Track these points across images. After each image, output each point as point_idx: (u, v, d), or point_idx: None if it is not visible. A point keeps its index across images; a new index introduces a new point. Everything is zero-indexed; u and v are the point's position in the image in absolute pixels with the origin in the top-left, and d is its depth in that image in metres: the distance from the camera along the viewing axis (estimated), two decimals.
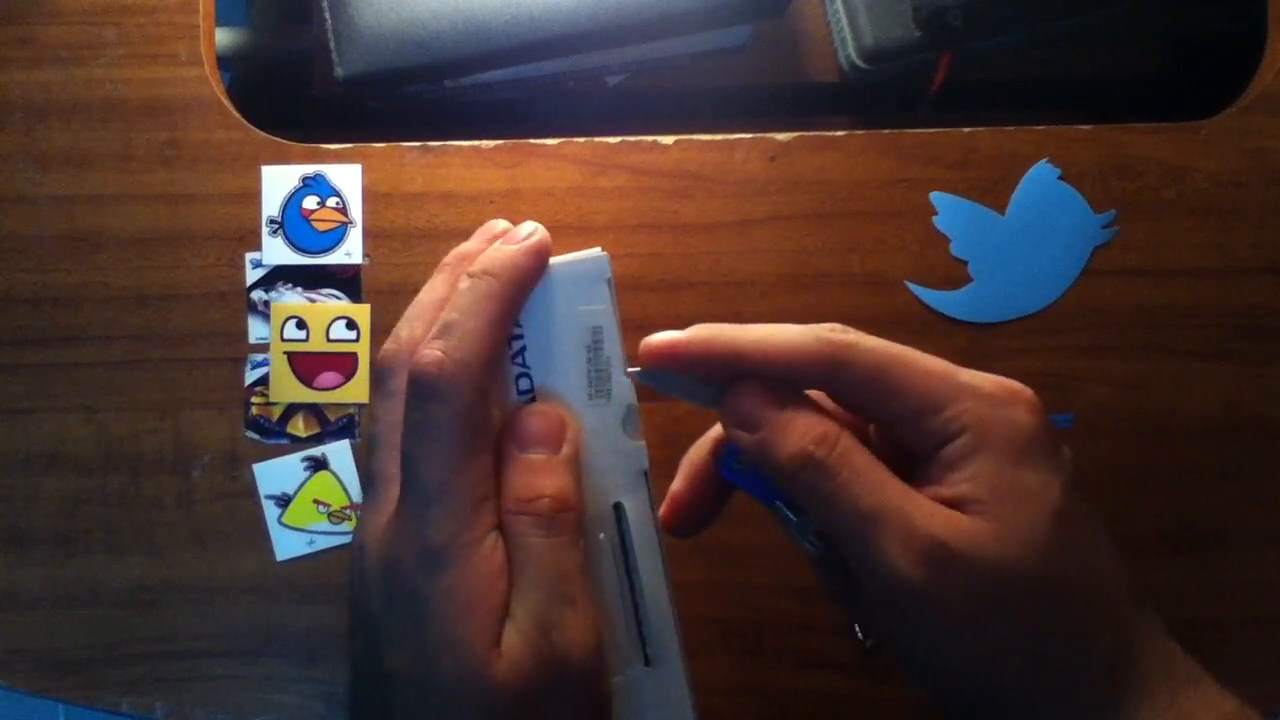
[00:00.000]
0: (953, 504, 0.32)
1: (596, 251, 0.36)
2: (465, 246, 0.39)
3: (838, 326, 0.34)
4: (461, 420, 0.32)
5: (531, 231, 0.36)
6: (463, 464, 0.32)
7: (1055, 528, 0.32)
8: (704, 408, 0.35)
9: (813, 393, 0.35)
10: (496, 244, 0.36)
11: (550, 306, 0.35)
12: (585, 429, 0.35)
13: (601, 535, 0.35)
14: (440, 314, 0.35)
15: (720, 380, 0.35)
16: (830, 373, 0.33)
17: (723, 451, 0.36)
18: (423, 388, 0.33)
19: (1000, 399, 0.33)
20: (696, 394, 0.35)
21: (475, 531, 0.32)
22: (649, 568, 0.35)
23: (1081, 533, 0.33)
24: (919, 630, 0.32)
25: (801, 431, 0.33)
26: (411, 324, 0.36)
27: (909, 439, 0.33)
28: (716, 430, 0.38)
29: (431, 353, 0.33)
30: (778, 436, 0.33)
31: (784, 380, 0.34)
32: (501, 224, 0.40)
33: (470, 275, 0.35)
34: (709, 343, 0.34)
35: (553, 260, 0.36)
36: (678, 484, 0.38)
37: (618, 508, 0.35)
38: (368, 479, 0.36)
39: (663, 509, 0.38)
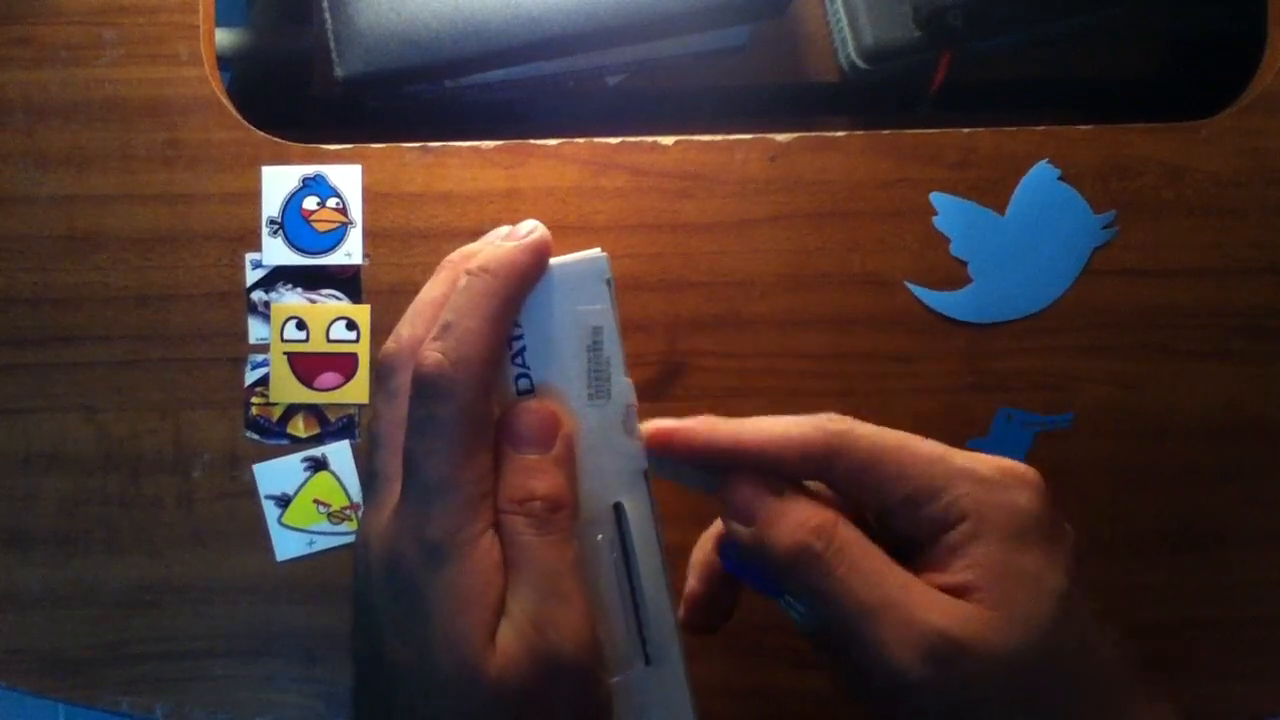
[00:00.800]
0: (954, 591, 0.32)
1: (596, 252, 0.36)
2: (469, 247, 0.39)
3: (834, 416, 0.34)
4: (463, 418, 0.33)
5: (531, 229, 0.36)
6: (464, 461, 0.33)
7: (1056, 610, 0.32)
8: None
9: (812, 484, 0.35)
10: (495, 242, 0.36)
11: (550, 306, 0.35)
12: (585, 429, 0.35)
13: (600, 536, 0.35)
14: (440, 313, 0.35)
15: (719, 470, 0.35)
16: (827, 461, 0.33)
17: (724, 545, 0.37)
18: (425, 386, 0.33)
19: (999, 482, 0.33)
20: (699, 481, 0.36)
21: (475, 528, 0.32)
22: (649, 568, 0.35)
23: (1079, 609, 0.33)
24: None
25: (798, 523, 0.33)
26: (413, 323, 0.36)
27: (907, 527, 0.33)
28: (718, 525, 0.38)
29: (432, 353, 0.33)
30: (773, 528, 0.33)
31: (782, 470, 0.34)
32: (507, 230, 0.40)
33: (468, 273, 0.35)
34: (710, 432, 0.35)
35: (553, 260, 0.36)
36: (691, 583, 0.39)
37: (617, 508, 0.35)
38: (369, 477, 0.36)
39: (681, 610, 0.38)
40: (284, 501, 0.50)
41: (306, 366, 0.51)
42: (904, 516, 0.33)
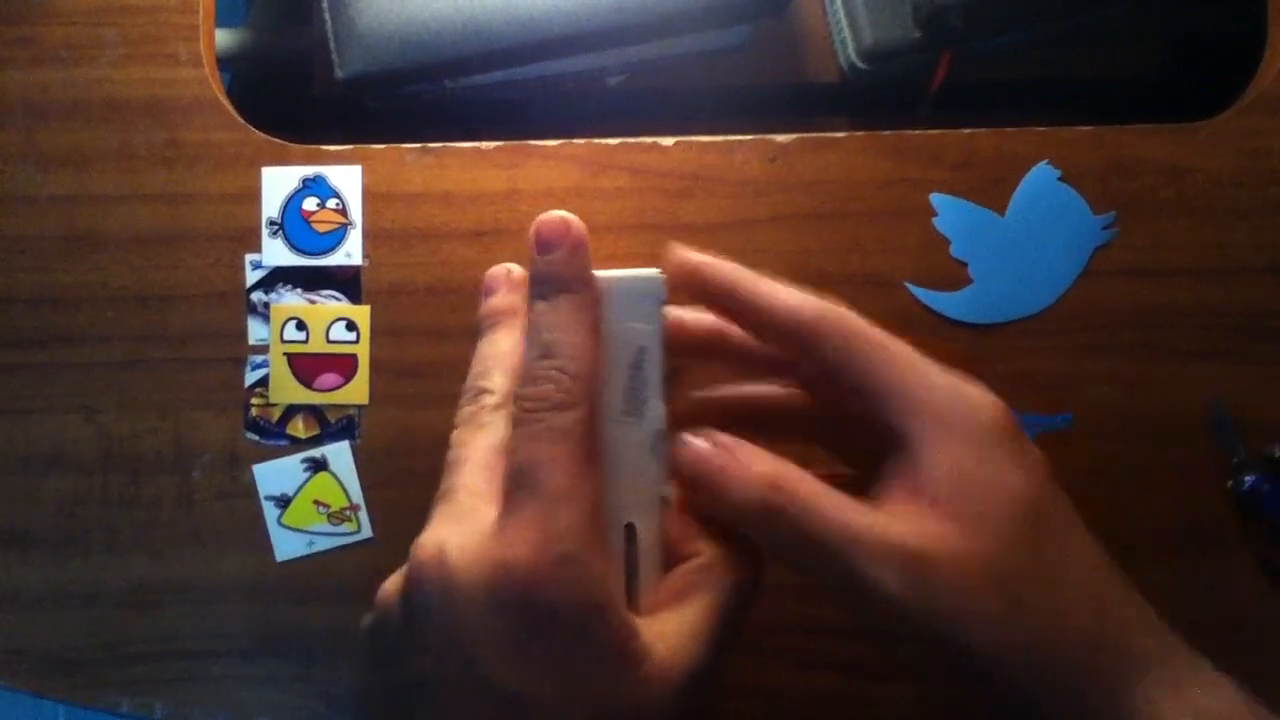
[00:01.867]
0: (921, 503, 0.32)
1: (655, 272, 0.35)
2: (494, 302, 0.38)
3: (836, 301, 0.35)
4: (584, 427, 0.32)
5: (564, 226, 0.35)
6: (587, 471, 0.32)
7: (1026, 516, 0.32)
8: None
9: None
10: (544, 259, 0.35)
11: (602, 317, 0.35)
12: (612, 445, 0.35)
13: None
14: (516, 358, 0.35)
15: (718, 312, 0.36)
16: (820, 338, 0.34)
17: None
18: (541, 401, 0.32)
19: (966, 396, 0.33)
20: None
21: (602, 542, 0.32)
22: (651, 590, 0.35)
23: (1054, 518, 0.33)
24: (924, 642, 0.32)
25: (756, 478, 0.33)
26: (491, 376, 0.36)
27: (878, 425, 0.33)
28: None
29: (546, 371, 0.32)
30: (730, 486, 0.33)
31: (779, 335, 0.35)
32: (504, 268, 0.39)
33: (542, 298, 0.34)
34: (732, 274, 0.35)
35: (612, 273, 0.35)
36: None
37: (629, 528, 0.35)
38: (445, 493, 0.34)
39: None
40: (284, 502, 0.50)
41: (306, 367, 0.51)
42: (876, 412, 0.33)
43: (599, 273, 0.35)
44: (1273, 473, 0.49)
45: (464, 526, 0.32)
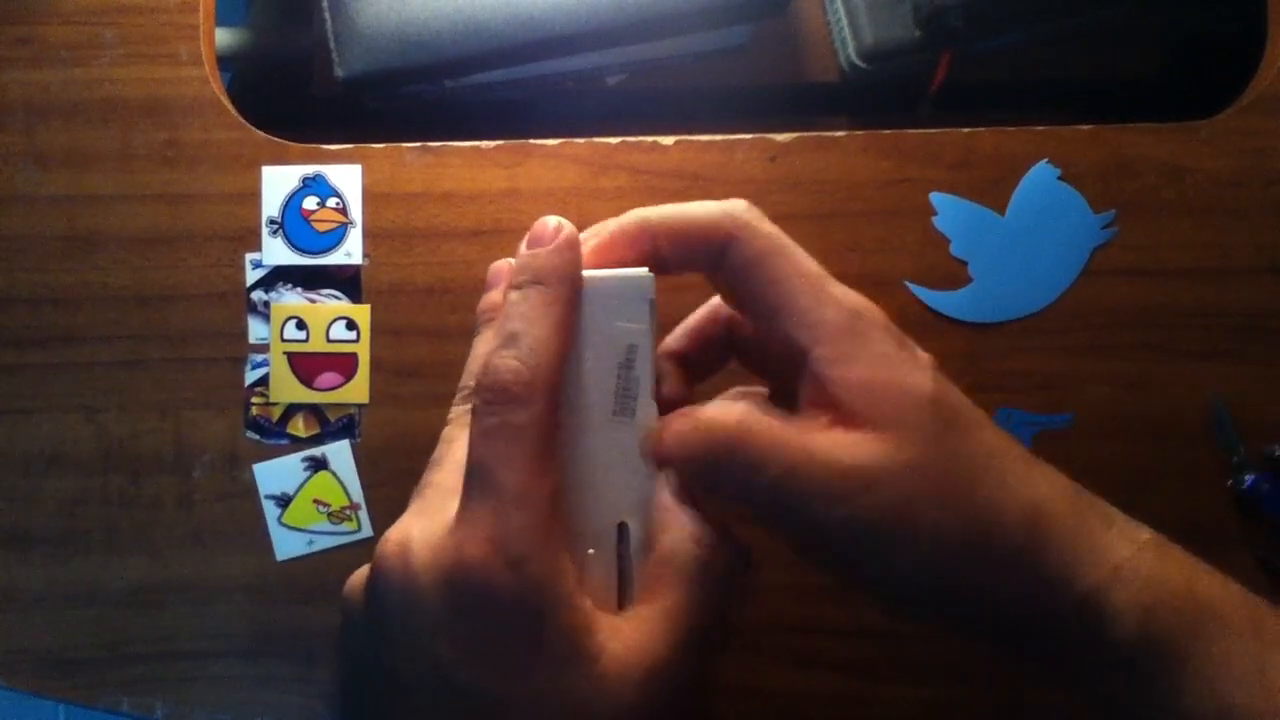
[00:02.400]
0: (838, 420, 0.32)
1: (643, 271, 0.35)
2: (492, 297, 0.39)
3: (744, 204, 0.35)
4: (541, 425, 0.32)
5: (558, 227, 0.35)
6: (542, 470, 0.31)
7: (934, 415, 0.32)
8: None
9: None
10: (529, 252, 0.35)
11: (589, 316, 0.35)
12: (602, 444, 0.35)
13: (591, 550, 0.35)
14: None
15: (645, 261, 0.35)
16: (724, 245, 0.34)
17: None
18: (498, 394, 0.32)
19: (854, 309, 0.34)
20: None
21: (556, 545, 0.31)
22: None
23: (962, 412, 0.33)
24: (868, 561, 0.32)
25: (691, 434, 0.33)
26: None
27: (778, 335, 0.34)
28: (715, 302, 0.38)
29: (505, 361, 0.32)
30: (674, 450, 0.34)
31: (683, 248, 0.35)
32: (507, 263, 0.39)
33: (517, 287, 0.34)
34: (623, 231, 0.35)
35: (600, 273, 0.35)
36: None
37: (621, 528, 0.35)
38: (420, 490, 0.34)
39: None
40: (284, 501, 0.50)
41: (306, 366, 0.51)
42: (777, 322, 0.34)
43: (587, 273, 0.35)
44: (1273, 472, 0.49)
45: (429, 521, 0.32)
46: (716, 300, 0.39)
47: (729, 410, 0.33)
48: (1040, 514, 0.32)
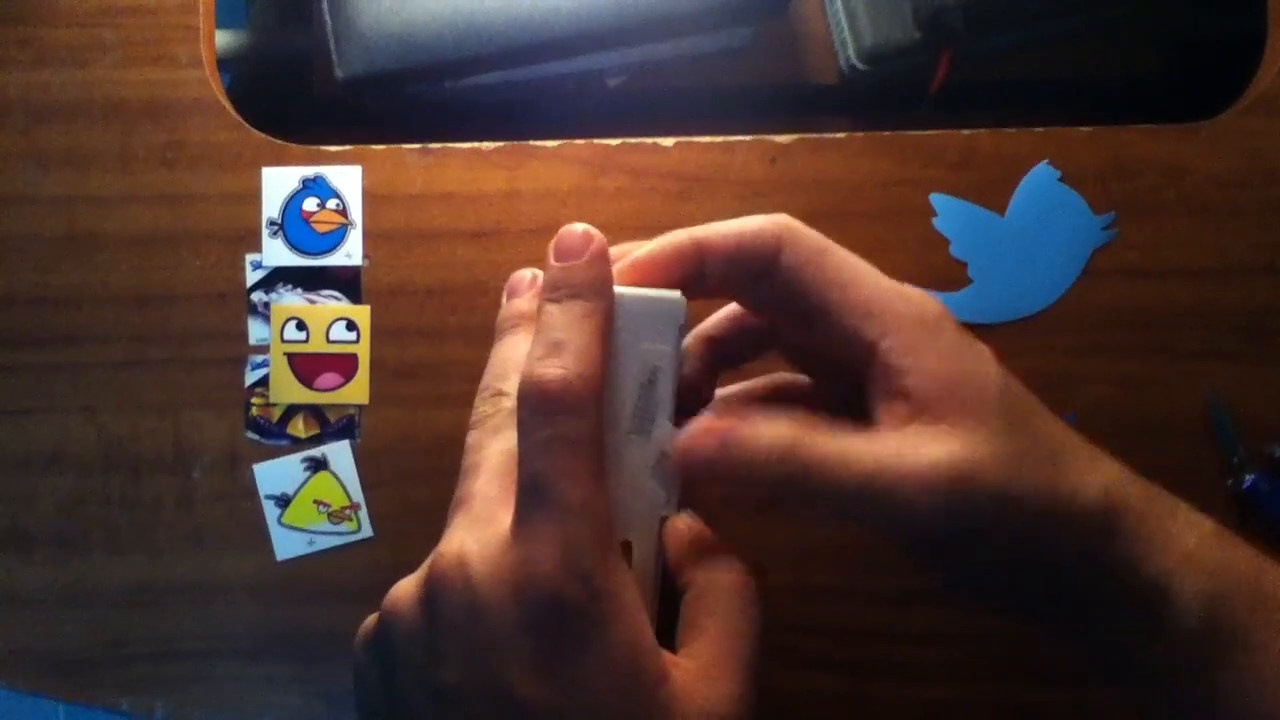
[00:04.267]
0: (914, 416, 0.32)
1: (676, 294, 0.35)
2: (517, 304, 0.38)
3: (785, 215, 0.34)
4: (595, 437, 0.31)
5: (586, 236, 0.35)
6: (599, 483, 0.31)
7: (1006, 398, 0.32)
8: None
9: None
10: (561, 265, 0.34)
11: (616, 332, 0.35)
12: (617, 461, 0.35)
13: None
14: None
15: (688, 280, 0.35)
16: (776, 252, 0.33)
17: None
18: (551, 404, 0.31)
19: (913, 299, 0.33)
20: None
21: (618, 555, 0.31)
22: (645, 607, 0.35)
23: (1025, 395, 0.33)
24: (966, 553, 0.32)
25: (768, 439, 0.32)
26: (509, 379, 0.35)
27: (841, 335, 0.33)
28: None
29: (551, 370, 0.31)
30: (743, 460, 0.33)
31: (735, 262, 0.34)
32: (529, 272, 0.39)
33: (554, 300, 0.34)
34: (673, 244, 0.35)
35: (632, 291, 0.35)
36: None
37: (625, 546, 0.35)
38: (463, 500, 0.33)
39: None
40: (284, 501, 0.50)
41: (306, 367, 0.51)
42: (839, 329, 0.33)
43: (619, 289, 0.34)
44: (1272, 472, 0.49)
45: (484, 534, 0.32)
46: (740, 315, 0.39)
47: (778, 428, 0.33)
48: (1111, 499, 0.32)
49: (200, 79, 0.52)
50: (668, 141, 0.51)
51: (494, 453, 0.34)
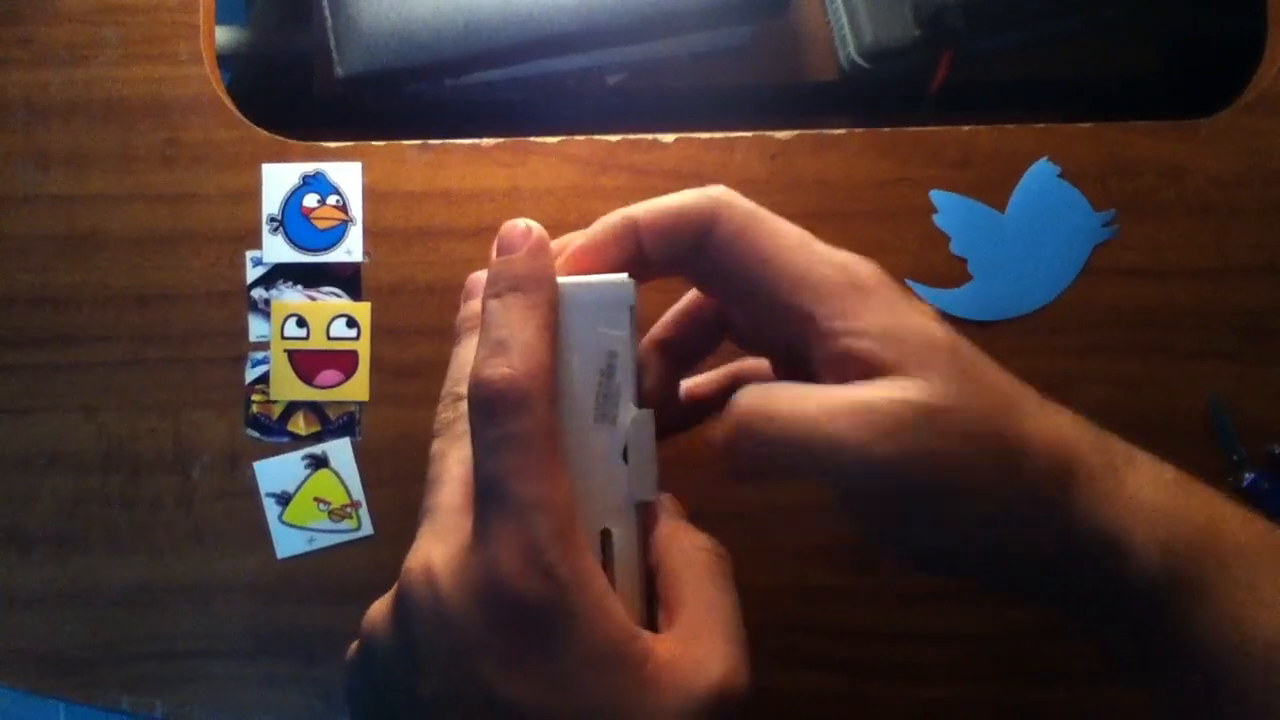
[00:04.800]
0: (860, 375, 0.32)
1: (623, 277, 0.35)
2: (473, 305, 0.38)
3: (721, 187, 0.34)
4: (545, 429, 0.31)
5: (526, 231, 0.35)
6: (554, 475, 0.31)
7: (953, 352, 0.32)
8: None
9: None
10: (501, 259, 0.35)
11: (569, 324, 0.35)
12: (584, 451, 0.35)
13: None
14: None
15: (629, 261, 0.35)
16: (710, 224, 0.34)
17: None
18: (497, 403, 0.31)
19: (844, 263, 0.33)
20: None
21: (583, 547, 0.31)
22: (628, 598, 0.35)
23: (972, 351, 0.33)
24: (915, 503, 0.32)
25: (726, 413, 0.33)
26: (465, 382, 0.34)
27: (780, 308, 0.33)
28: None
29: (496, 370, 0.31)
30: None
31: (670, 237, 0.34)
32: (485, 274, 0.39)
33: (496, 296, 0.34)
34: (610, 229, 0.35)
35: (579, 280, 0.35)
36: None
37: (605, 534, 0.35)
38: (428, 512, 0.33)
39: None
40: (284, 499, 0.50)
41: (307, 364, 0.50)
42: (773, 293, 0.33)
43: (566, 279, 0.35)
44: (1272, 472, 0.49)
45: (448, 543, 0.32)
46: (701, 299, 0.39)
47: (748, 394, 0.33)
48: (1066, 450, 0.32)
49: (200, 76, 0.52)
50: (668, 138, 0.51)
51: (455, 461, 0.34)
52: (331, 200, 0.51)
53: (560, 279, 0.34)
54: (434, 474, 0.34)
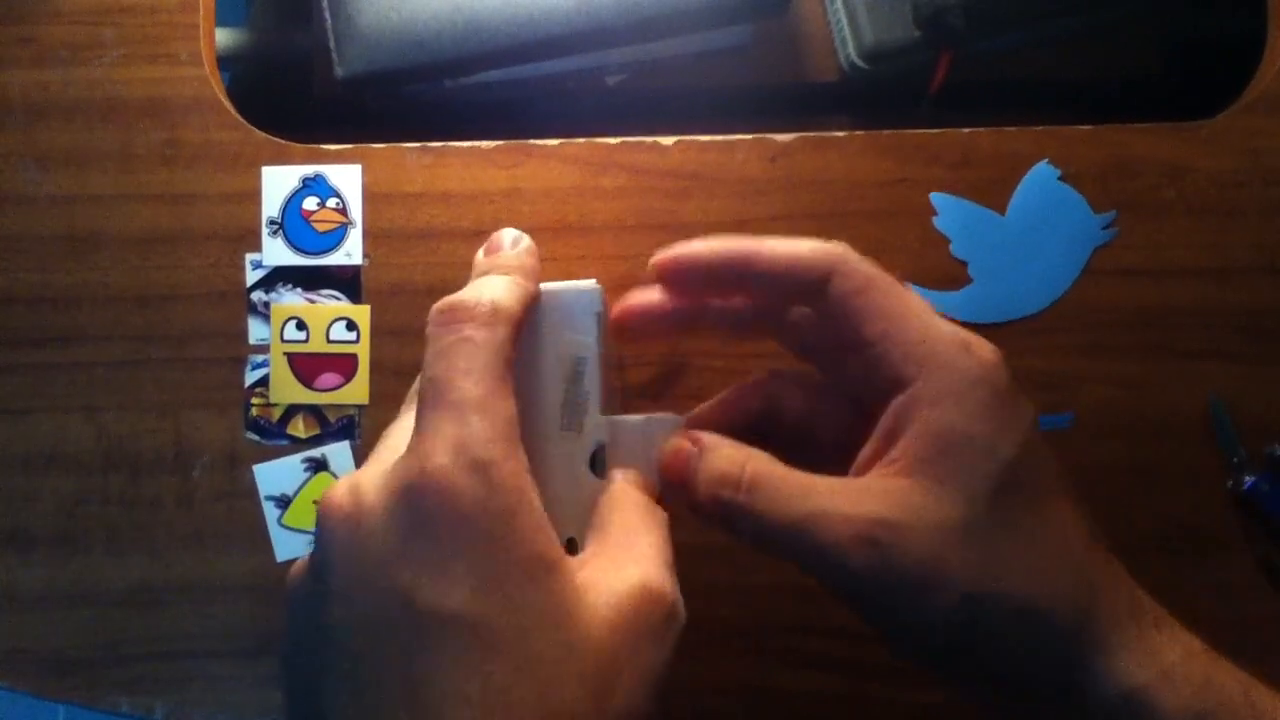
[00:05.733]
0: (897, 466, 0.31)
1: (591, 284, 0.35)
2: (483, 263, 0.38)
3: (842, 244, 0.34)
4: (501, 346, 0.30)
5: (516, 239, 0.35)
6: (503, 389, 0.30)
7: (1000, 478, 0.31)
8: None
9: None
10: (496, 256, 0.35)
11: (537, 329, 0.35)
12: (551, 458, 0.34)
13: None
14: None
15: (730, 287, 0.35)
16: (826, 279, 0.33)
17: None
18: (459, 310, 0.31)
19: (960, 346, 0.32)
20: None
21: (521, 455, 0.29)
22: None
23: (1036, 482, 0.32)
24: (888, 612, 0.31)
25: (707, 478, 0.32)
26: None
27: (872, 373, 0.33)
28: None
29: (467, 295, 0.31)
30: (691, 490, 0.33)
31: (785, 285, 0.34)
32: (512, 233, 0.39)
33: (484, 272, 0.34)
34: (726, 248, 0.34)
35: (547, 285, 0.35)
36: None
37: (570, 543, 0.35)
38: (373, 452, 0.33)
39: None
40: (284, 502, 0.50)
41: (307, 367, 0.51)
42: (878, 359, 0.33)
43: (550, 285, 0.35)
44: (1272, 472, 0.49)
45: (379, 465, 0.31)
46: (760, 376, 0.38)
47: (742, 450, 0.33)
48: (1096, 603, 0.31)
49: (200, 77, 0.52)
50: (668, 140, 0.51)
51: (411, 416, 0.32)
52: (331, 203, 0.51)
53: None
54: (388, 429, 0.34)
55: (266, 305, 0.51)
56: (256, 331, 0.51)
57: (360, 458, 0.50)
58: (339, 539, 0.29)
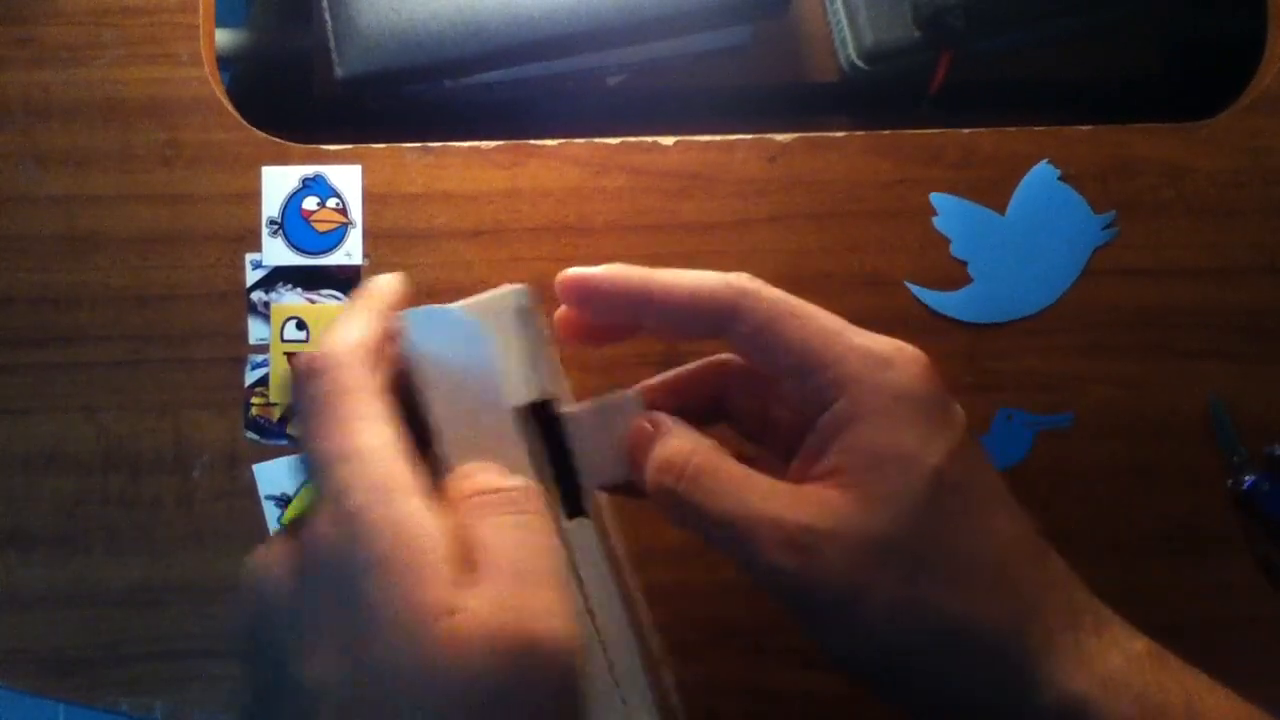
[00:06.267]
0: (827, 477, 0.31)
1: (519, 286, 0.34)
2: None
3: (745, 276, 0.33)
4: (344, 386, 0.30)
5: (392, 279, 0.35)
6: (361, 428, 0.29)
7: (928, 488, 0.30)
8: None
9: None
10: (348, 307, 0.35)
11: (452, 342, 0.33)
12: (483, 439, 0.33)
13: None
14: None
15: (627, 319, 0.34)
16: (731, 317, 0.33)
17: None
18: (298, 376, 0.30)
19: (883, 360, 0.32)
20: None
21: (402, 490, 0.28)
22: (602, 602, 0.33)
23: (967, 492, 0.31)
24: (817, 620, 0.31)
25: (655, 465, 0.32)
26: None
27: (796, 399, 0.33)
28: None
29: (306, 355, 0.31)
30: (643, 473, 0.33)
31: (685, 322, 0.33)
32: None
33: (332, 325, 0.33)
34: (623, 279, 0.34)
35: (468, 300, 0.34)
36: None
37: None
38: None
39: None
40: (284, 502, 0.50)
41: None
42: (794, 387, 0.32)
43: (455, 305, 0.33)
44: (1272, 472, 0.49)
45: (279, 543, 0.30)
46: (722, 356, 0.37)
47: (691, 440, 0.32)
48: (1032, 614, 0.31)
49: (200, 78, 0.52)
50: (668, 140, 0.51)
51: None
52: (331, 203, 0.51)
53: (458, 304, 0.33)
54: None
55: (266, 305, 0.51)
56: (256, 331, 0.51)
57: None
58: (250, 617, 0.29)
